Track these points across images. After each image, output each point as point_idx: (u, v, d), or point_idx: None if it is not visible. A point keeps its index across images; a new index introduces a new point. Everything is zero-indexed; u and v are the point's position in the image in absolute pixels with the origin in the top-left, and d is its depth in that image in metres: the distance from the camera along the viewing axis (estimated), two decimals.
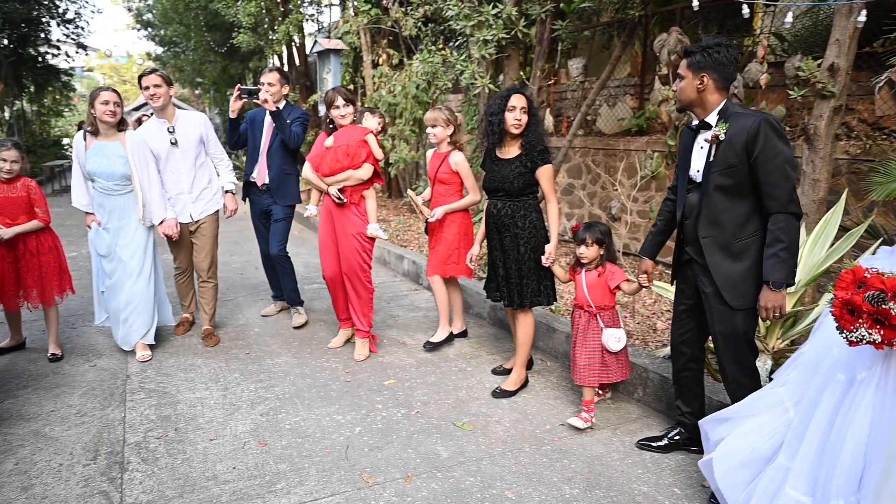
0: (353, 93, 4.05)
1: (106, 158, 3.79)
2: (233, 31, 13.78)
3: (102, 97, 3.75)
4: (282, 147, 4.37)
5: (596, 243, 3.16)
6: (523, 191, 3.42)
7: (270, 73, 4.35)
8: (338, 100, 3.83)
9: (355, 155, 3.85)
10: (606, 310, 3.18)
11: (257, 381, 3.66)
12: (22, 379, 3.68)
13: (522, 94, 3.35)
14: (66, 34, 20.60)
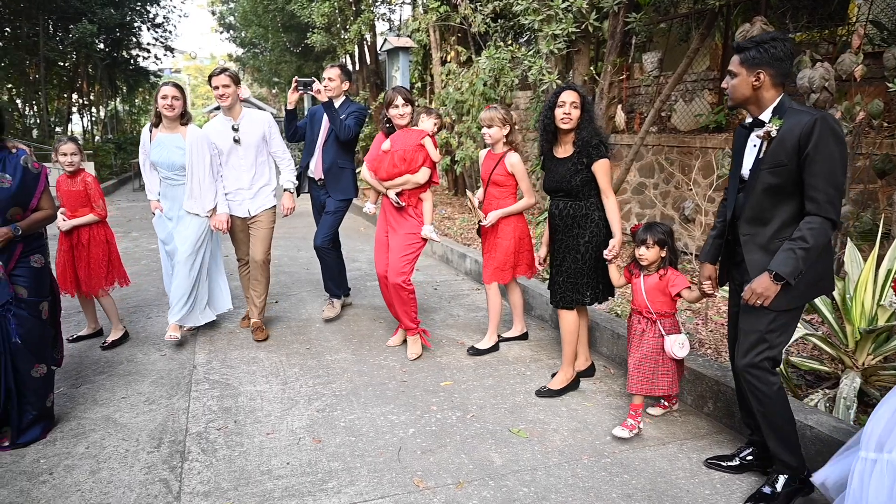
0: (411, 92, 3.97)
1: (167, 150, 3.94)
2: (307, 32, 14.13)
3: (162, 92, 3.90)
4: (336, 141, 4.40)
5: (657, 245, 2.98)
6: (582, 189, 3.30)
7: (332, 68, 4.43)
8: (397, 99, 3.81)
9: (412, 160, 3.81)
10: (667, 317, 3.01)
11: (316, 376, 3.70)
12: (99, 365, 3.87)
13: (575, 90, 3.26)
14: (156, 38, 21.83)
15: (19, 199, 2.82)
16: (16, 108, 19.02)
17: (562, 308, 3.43)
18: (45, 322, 2.98)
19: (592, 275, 3.35)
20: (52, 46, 17.78)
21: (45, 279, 2.98)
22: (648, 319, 3.02)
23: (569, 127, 3.26)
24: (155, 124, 4.02)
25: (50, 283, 3.05)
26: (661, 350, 2.99)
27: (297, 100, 4.40)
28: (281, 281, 5.95)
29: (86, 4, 17.49)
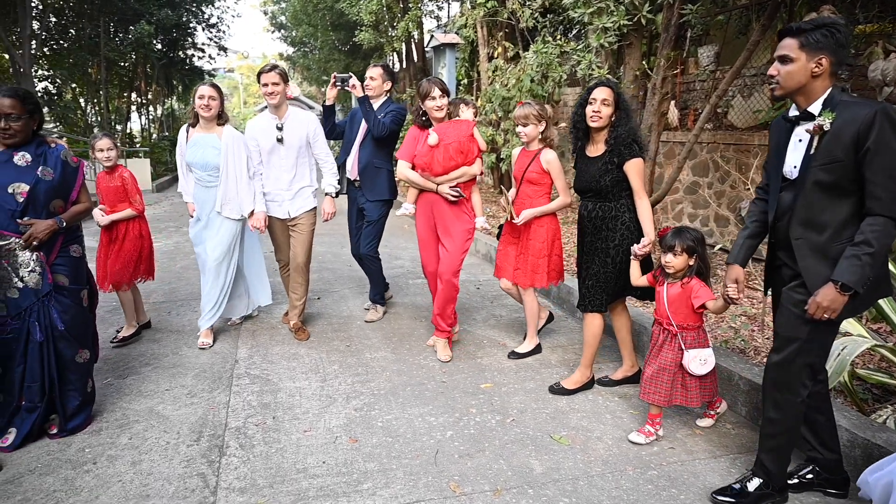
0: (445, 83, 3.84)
1: (202, 150, 3.92)
2: (355, 30, 14.24)
3: (199, 92, 3.88)
4: (373, 140, 4.30)
5: (686, 252, 2.78)
6: (613, 190, 3.16)
7: (374, 67, 4.37)
8: (434, 91, 3.69)
9: (468, 151, 3.73)
10: (689, 329, 2.82)
11: (355, 374, 3.67)
12: (146, 357, 3.95)
13: (609, 87, 3.12)
14: (210, 38, 22.40)
15: (60, 191, 2.89)
16: (79, 106, 19.85)
17: (588, 311, 3.33)
18: (86, 309, 3.06)
19: (622, 279, 3.21)
20: (112, 47, 18.47)
21: (83, 268, 3.06)
22: (669, 331, 2.85)
23: (598, 125, 3.14)
24: (192, 124, 4.01)
25: (87, 273, 3.11)
26: (679, 364, 2.83)
27: (336, 96, 4.36)
28: (324, 277, 5.98)
29: (144, 5, 18.10)
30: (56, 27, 19.07)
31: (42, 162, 2.83)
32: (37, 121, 2.87)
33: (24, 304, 2.79)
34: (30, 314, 2.81)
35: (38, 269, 2.81)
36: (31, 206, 2.78)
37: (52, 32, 19.01)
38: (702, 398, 2.89)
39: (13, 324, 2.80)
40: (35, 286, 2.80)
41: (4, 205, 2.73)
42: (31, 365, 2.84)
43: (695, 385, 2.86)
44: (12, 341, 2.80)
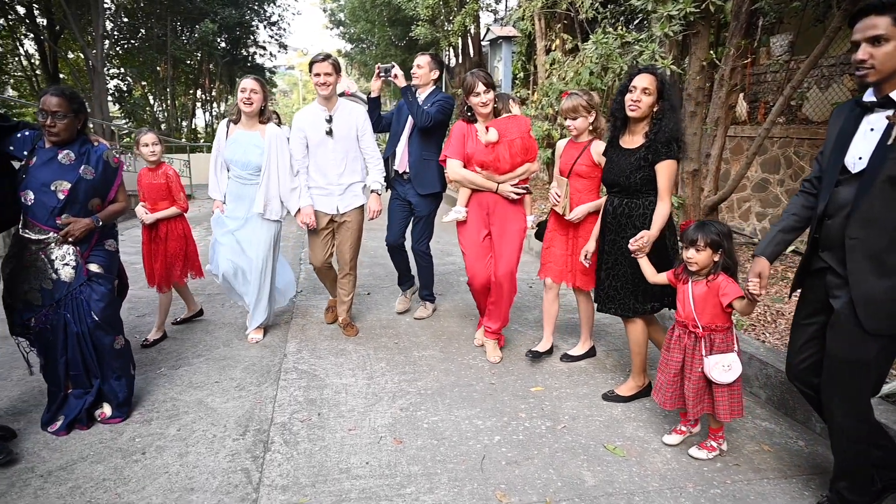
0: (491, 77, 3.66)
1: (243, 147, 3.81)
2: (412, 25, 14.24)
3: (241, 85, 3.78)
4: (421, 133, 4.19)
5: (709, 247, 2.55)
6: (642, 187, 2.95)
7: (421, 56, 4.25)
8: (478, 85, 3.48)
9: (532, 147, 3.58)
10: (718, 331, 2.58)
11: (402, 373, 3.59)
12: (198, 348, 3.99)
13: (651, 73, 2.87)
14: (271, 35, 22.98)
15: (100, 190, 2.96)
16: (147, 103, 20.69)
17: (624, 316, 3.14)
18: (118, 299, 3.15)
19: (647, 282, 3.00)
20: (178, 46, 19.15)
21: (117, 261, 3.14)
22: (696, 335, 2.61)
23: (637, 115, 2.92)
24: (234, 120, 3.90)
25: (119, 267, 3.18)
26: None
27: (380, 87, 4.26)
28: (375, 273, 5.95)
29: (209, 4, 18.67)
30: (127, 27, 19.90)
31: (84, 161, 2.89)
32: (81, 120, 2.94)
33: (57, 296, 2.86)
34: (63, 305, 2.87)
35: (72, 263, 2.87)
36: (71, 203, 2.84)
37: (124, 32, 19.86)
38: (731, 412, 2.62)
39: (49, 315, 2.87)
40: (69, 279, 2.87)
41: (46, 201, 2.80)
42: (73, 355, 2.91)
43: (724, 395, 2.60)
44: (49, 332, 2.88)
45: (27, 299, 2.86)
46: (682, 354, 2.65)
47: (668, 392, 2.70)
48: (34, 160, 2.81)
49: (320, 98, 3.94)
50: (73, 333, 2.88)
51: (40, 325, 2.88)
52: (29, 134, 2.87)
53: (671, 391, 2.69)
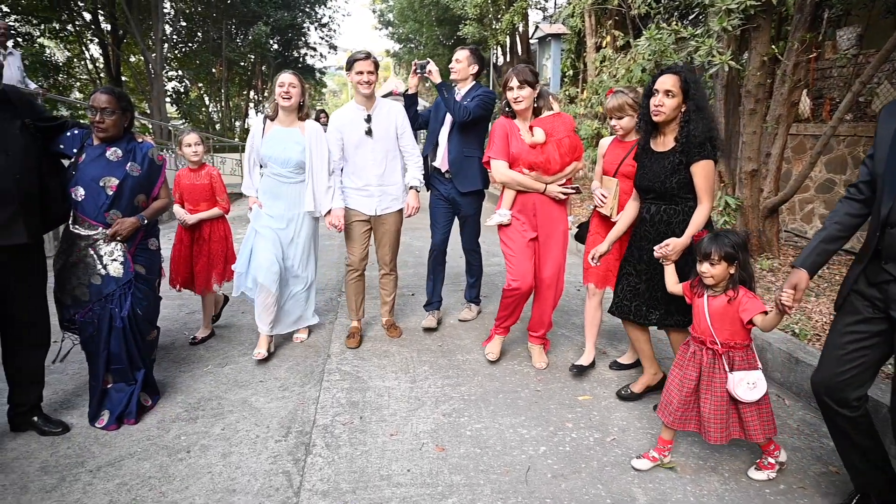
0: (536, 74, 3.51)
1: (282, 144, 3.69)
2: (459, 24, 14.18)
3: (280, 79, 3.63)
4: (461, 129, 4.06)
5: (724, 260, 2.40)
6: (679, 191, 2.80)
7: (461, 50, 4.12)
8: (512, 80, 3.35)
9: (578, 146, 3.47)
10: (737, 349, 2.42)
11: (445, 377, 3.53)
12: (244, 346, 4.02)
13: (675, 74, 2.72)
14: (322, 37, 23.36)
15: (145, 187, 3.04)
16: (203, 104, 21.32)
17: (673, 328, 3.00)
18: (158, 296, 3.24)
19: None
20: (232, 48, 19.66)
21: (158, 260, 3.23)
22: (714, 352, 2.45)
23: (661, 119, 2.78)
24: (271, 117, 3.77)
25: (160, 264, 3.27)
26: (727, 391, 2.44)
27: (417, 84, 4.17)
28: (420, 273, 5.90)
29: (262, 7, 19.09)
30: (185, 31, 20.55)
31: (131, 158, 2.98)
32: (128, 118, 3.02)
33: (105, 291, 2.94)
34: (111, 300, 2.95)
35: (120, 259, 2.95)
36: (118, 199, 2.92)
37: (182, 36, 20.52)
38: (764, 431, 2.45)
39: (95, 309, 2.95)
40: (116, 275, 2.95)
41: (95, 197, 2.88)
42: (116, 349, 2.98)
43: (753, 414, 2.44)
44: (93, 326, 2.96)
45: (75, 295, 2.95)
46: (697, 372, 2.50)
47: (678, 412, 2.53)
48: (83, 157, 2.90)
49: (359, 97, 3.83)
50: (119, 328, 2.95)
51: (85, 320, 2.96)
52: (78, 132, 2.96)
53: (682, 411, 2.53)
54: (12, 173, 2.58)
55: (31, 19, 18.54)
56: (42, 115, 2.85)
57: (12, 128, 2.63)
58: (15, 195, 2.59)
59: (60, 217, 2.94)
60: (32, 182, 2.70)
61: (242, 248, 3.82)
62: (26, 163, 2.65)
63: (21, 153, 2.63)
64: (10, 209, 2.59)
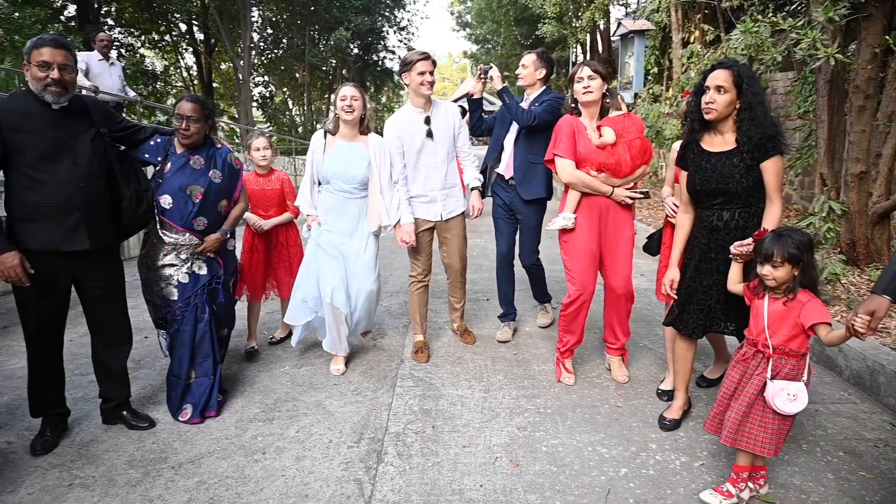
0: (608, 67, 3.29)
1: (346, 159, 3.53)
2: (538, 23, 13.96)
3: (341, 93, 3.49)
4: (528, 135, 3.88)
5: (789, 261, 2.20)
6: (754, 192, 2.58)
7: (527, 55, 3.94)
8: (582, 70, 3.16)
9: (648, 149, 3.28)
10: (790, 356, 2.21)
11: (520, 387, 3.42)
12: (320, 348, 4.02)
13: (727, 69, 2.52)
14: (400, 40, 23.72)
15: (226, 192, 3.16)
16: (287, 107, 22.12)
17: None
18: (231, 295, 3.35)
19: None
20: (315, 53, 20.26)
21: (235, 260, 3.37)
22: (762, 353, 2.27)
23: (713, 117, 2.58)
24: (332, 131, 3.61)
25: (235, 264, 3.41)
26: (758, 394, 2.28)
27: (483, 89, 4.03)
28: (493, 277, 5.79)
29: (343, 13, 19.58)
30: (271, 38, 21.39)
31: (213, 165, 3.08)
32: (210, 125, 3.11)
33: (191, 291, 3.07)
34: (196, 298, 3.08)
35: (205, 261, 3.12)
36: (203, 207, 3.04)
37: (268, 43, 21.37)
38: (776, 447, 2.28)
39: (182, 308, 3.07)
40: (203, 274, 3.11)
41: (182, 205, 3.00)
42: (201, 344, 3.11)
43: (772, 427, 2.25)
44: (181, 323, 3.07)
45: (163, 295, 3.07)
46: (740, 374, 2.36)
47: (713, 411, 2.46)
48: (168, 166, 3.01)
49: (418, 99, 3.68)
50: (204, 325, 3.09)
51: (172, 318, 3.08)
52: (161, 140, 3.07)
53: (716, 411, 2.44)
54: (78, 181, 2.65)
55: (133, 31, 19.87)
56: (118, 125, 2.93)
57: (85, 137, 2.71)
58: (79, 203, 2.66)
59: (137, 224, 3.00)
60: (99, 190, 2.75)
61: (304, 273, 3.65)
62: (94, 171, 2.72)
63: (89, 162, 2.70)
64: (75, 216, 2.66)
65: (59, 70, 2.55)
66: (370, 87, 25.21)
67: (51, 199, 2.61)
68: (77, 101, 2.71)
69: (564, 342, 3.47)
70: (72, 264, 2.74)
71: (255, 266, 3.94)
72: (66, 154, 2.64)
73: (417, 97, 3.67)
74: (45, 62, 2.53)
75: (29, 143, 2.56)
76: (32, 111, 2.59)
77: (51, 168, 2.60)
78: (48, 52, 2.54)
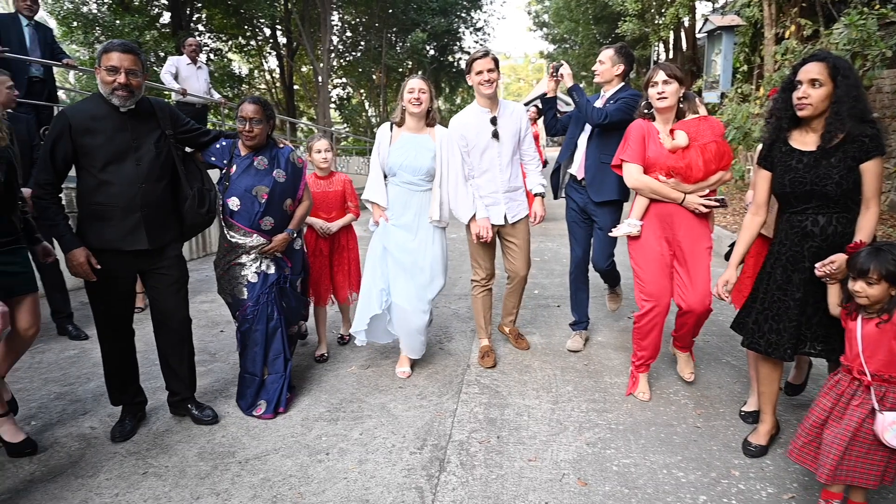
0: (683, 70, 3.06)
1: (413, 151, 3.47)
2: (618, 21, 13.55)
3: (409, 85, 3.46)
4: (601, 134, 3.69)
5: (886, 279, 1.99)
6: (852, 196, 2.33)
7: (605, 50, 3.73)
8: (657, 74, 2.99)
9: (726, 154, 3.03)
10: (892, 383, 1.98)
11: (590, 400, 3.26)
12: (386, 349, 4.04)
13: (821, 61, 2.28)
14: (476, 41, 23.62)
15: (290, 191, 3.18)
16: (363, 109, 22.56)
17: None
18: (299, 294, 3.40)
19: None
20: (392, 55, 20.56)
21: (302, 259, 3.41)
22: (858, 381, 2.05)
23: (807, 114, 2.34)
24: (398, 123, 3.57)
25: (304, 263, 3.44)
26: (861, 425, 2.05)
27: (556, 87, 3.87)
28: (566, 283, 5.62)
29: (420, 15, 19.76)
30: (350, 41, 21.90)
31: (276, 165, 3.11)
32: (271, 126, 3.15)
33: (261, 289, 3.12)
34: (267, 296, 3.12)
35: (273, 261, 3.17)
36: (269, 207, 3.07)
37: (347, 46, 21.88)
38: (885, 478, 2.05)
39: (252, 307, 3.12)
40: (272, 273, 3.15)
41: (249, 206, 3.05)
42: (273, 342, 3.16)
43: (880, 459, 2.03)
44: (253, 322, 3.12)
45: (235, 294, 3.14)
46: (833, 402, 2.14)
47: (798, 440, 2.27)
48: (234, 168, 3.07)
49: (482, 99, 3.58)
50: (275, 322, 3.14)
51: (243, 317, 3.14)
52: (226, 143, 3.13)
53: (803, 440, 2.26)
54: (140, 182, 2.73)
55: (221, 37, 20.84)
56: (182, 126, 2.99)
57: (150, 139, 2.78)
58: (140, 203, 2.74)
59: (200, 223, 3.05)
60: (160, 191, 2.82)
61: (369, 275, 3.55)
62: (156, 172, 2.79)
63: (152, 163, 2.77)
64: (136, 217, 2.74)
65: (126, 75, 2.63)
66: (445, 87, 25.32)
67: (114, 200, 2.70)
68: (144, 103, 2.79)
69: (639, 356, 3.29)
70: (134, 262, 2.84)
71: (319, 269, 3.94)
72: (131, 156, 2.72)
73: (481, 97, 3.59)
74: (113, 67, 2.61)
75: (96, 145, 2.66)
76: (102, 114, 2.69)
77: (115, 169, 2.69)
78: (116, 56, 2.62)
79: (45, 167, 2.65)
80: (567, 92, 3.75)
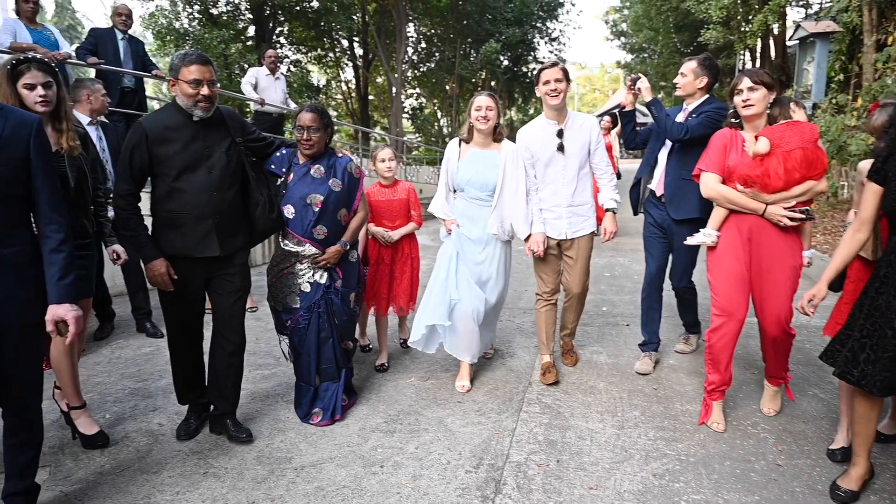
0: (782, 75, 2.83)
1: (481, 167, 3.50)
2: (700, 29, 13.04)
3: (476, 103, 3.46)
4: (682, 150, 3.51)
5: None
6: None
7: (687, 62, 3.58)
8: (742, 81, 2.81)
9: (816, 161, 2.78)
10: None
11: (659, 427, 3.07)
12: (447, 361, 3.98)
13: None
14: (551, 51, 23.39)
15: (346, 201, 3.17)
16: (436, 118, 22.80)
17: None
18: (352, 309, 3.30)
19: None
20: (465, 66, 20.68)
21: (356, 272, 3.32)
22: None
23: None
24: (466, 139, 3.59)
25: (359, 276, 3.37)
26: None
27: (634, 100, 3.71)
28: (637, 301, 5.38)
29: (495, 26, 19.79)
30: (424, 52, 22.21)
31: (333, 174, 3.11)
32: (329, 134, 3.15)
33: (313, 298, 3.12)
34: (318, 306, 3.13)
35: (326, 271, 3.16)
36: (323, 216, 3.07)
37: (421, 57, 22.20)
38: None
39: (305, 315, 3.13)
40: (324, 282, 3.14)
41: (304, 214, 3.06)
42: (324, 350, 3.16)
43: None
44: (304, 331, 3.13)
45: (286, 303, 3.16)
46: None
47: None
48: (292, 176, 3.10)
49: (549, 110, 3.51)
50: (327, 329, 3.14)
51: (296, 325, 3.15)
52: (285, 152, 3.16)
53: None
54: (211, 190, 2.78)
55: (301, 48, 21.62)
56: (250, 134, 3.04)
57: (221, 147, 2.83)
58: (212, 211, 2.78)
59: (270, 228, 3.09)
60: (231, 198, 2.87)
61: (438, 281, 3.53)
62: (227, 180, 2.84)
63: (223, 171, 2.82)
64: (207, 224, 2.79)
65: (207, 86, 2.70)
66: (518, 98, 25.20)
67: (186, 208, 2.76)
68: (215, 112, 2.84)
69: (710, 380, 3.08)
70: (204, 269, 2.89)
71: (381, 278, 3.93)
72: (203, 164, 2.77)
73: (548, 108, 3.52)
74: (196, 80, 2.67)
75: (171, 154, 2.72)
76: (176, 123, 2.75)
77: (188, 177, 2.75)
78: (197, 69, 2.68)
79: (125, 177, 2.73)
80: (646, 106, 3.60)
